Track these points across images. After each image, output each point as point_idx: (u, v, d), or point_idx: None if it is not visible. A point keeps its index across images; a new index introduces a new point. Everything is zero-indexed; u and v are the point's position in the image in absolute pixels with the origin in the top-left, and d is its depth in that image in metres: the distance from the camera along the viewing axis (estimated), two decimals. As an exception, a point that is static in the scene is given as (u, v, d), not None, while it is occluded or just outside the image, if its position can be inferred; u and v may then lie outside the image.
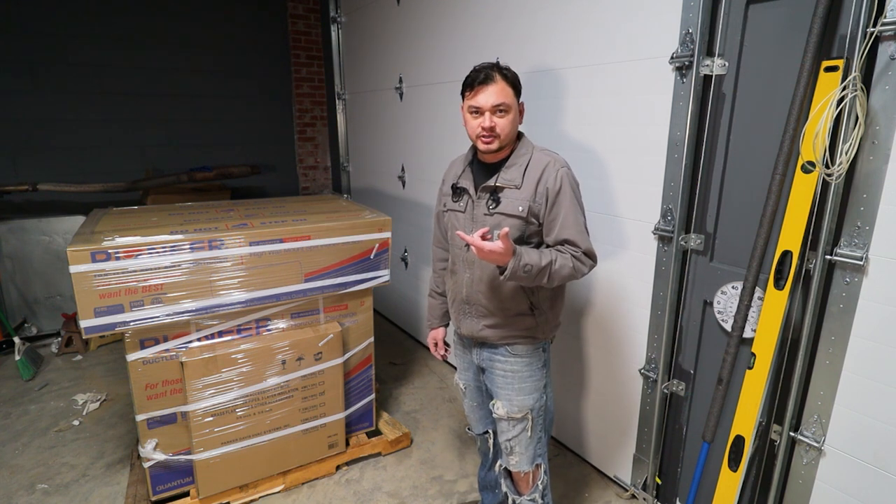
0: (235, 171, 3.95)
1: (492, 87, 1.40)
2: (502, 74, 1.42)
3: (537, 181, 1.44)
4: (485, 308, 1.54)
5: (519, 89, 1.46)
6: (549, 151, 1.51)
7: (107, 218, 2.07)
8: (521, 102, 1.48)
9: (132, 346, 1.81)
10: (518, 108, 1.47)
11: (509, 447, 1.61)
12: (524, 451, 1.60)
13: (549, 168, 1.44)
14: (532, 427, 1.58)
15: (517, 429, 1.58)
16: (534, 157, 1.48)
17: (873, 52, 1.28)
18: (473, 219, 1.52)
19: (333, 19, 4.08)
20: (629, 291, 2.01)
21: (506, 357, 1.57)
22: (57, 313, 3.57)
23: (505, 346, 1.56)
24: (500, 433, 1.63)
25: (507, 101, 1.41)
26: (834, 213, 1.39)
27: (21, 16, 3.43)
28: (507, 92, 1.41)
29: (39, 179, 3.44)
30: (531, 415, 1.57)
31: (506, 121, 1.42)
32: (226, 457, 2.01)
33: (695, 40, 1.61)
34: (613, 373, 2.15)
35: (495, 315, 1.53)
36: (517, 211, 1.44)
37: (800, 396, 1.55)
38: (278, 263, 1.96)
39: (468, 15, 2.65)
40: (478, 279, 1.53)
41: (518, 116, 1.47)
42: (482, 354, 1.62)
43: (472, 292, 1.55)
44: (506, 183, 1.46)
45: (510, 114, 1.43)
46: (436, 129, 3.05)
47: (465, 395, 1.78)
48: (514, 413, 1.57)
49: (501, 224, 1.46)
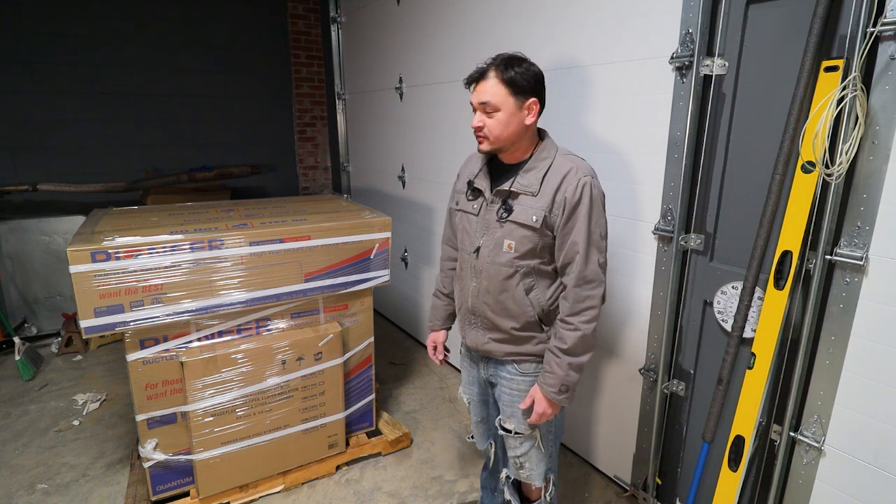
0: (235, 171, 3.95)
1: (482, 84, 1.33)
2: (499, 71, 1.30)
3: (556, 189, 1.32)
4: (490, 321, 1.46)
5: (521, 88, 1.31)
6: (575, 157, 1.39)
7: (107, 218, 2.07)
8: (528, 102, 1.33)
9: (132, 346, 1.81)
10: (516, 110, 1.33)
11: (519, 463, 1.55)
12: (534, 468, 1.55)
13: (570, 176, 1.32)
14: (543, 443, 1.52)
15: (525, 446, 1.53)
16: (556, 162, 1.36)
17: (873, 52, 1.28)
18: (486, 224, 1.43)
19: (333, 19, 4.08)
20: (629, 291, 2.01)
21: (512, 375, 1.49)
22: (57, 313, 3.57)
23: (513, 363, 1.48)
24: (509, 449, 1.57)
25: (493, 100, 1.31)
26: (834, 213, 1.39)
27: (21, 16, 3.42)
28: (496, 91, 1.30)
29: (39, 179, 3.44)
30: (540, 432, 1.51)
31: (494, 121, 1.33)
32: (226, 457, 2.01)
33: (695, 40, 1.61)
34: (613, 373, 2.15)
35: (501, 330, 1.44)
36: (530, 221, 1.34)
37: (800, 396, 1.55)
38: (278, 263, 1.96)
39: (468, 15, 2.65)
40: (484, 290, 1.44)
41: (514, 118, 1.33)
42: (489, 369, 1.55)
43: (477, 303, 1.47)
44: (522, 188, 1.36)
45: (499, 114, 1.32)
46: (436, 129, 3.05)
47: (469, 410, 1.72)
48: (522, 430, 1.50)
49: (514, 233, 1.36)
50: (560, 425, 1.59)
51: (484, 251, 1.43)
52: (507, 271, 1.39)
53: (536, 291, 1.41)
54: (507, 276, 1.40)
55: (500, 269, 1.40)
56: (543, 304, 1.42)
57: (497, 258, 1.40)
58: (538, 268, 1.40)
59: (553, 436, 1.57)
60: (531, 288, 1.40)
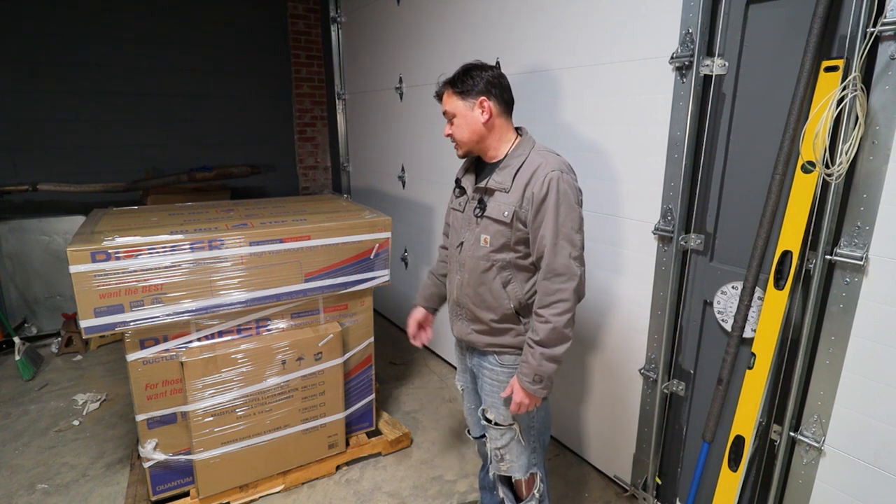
0: (235, 171, 3.95)
1: (443, 98, 1.49)
2: (449, 85, 1.46)
3: (525, 185, 1.37)
4: (472, 313, 1.53)
5: (468, 92, 1.42)
6: (549, 152, 1.43)
7: (107, 218, 2.07)
8: (478, 101, 1.41)
9: (132, 346, 1.81)
10: (467, 111, 1.43)
11: (499, 454, 1.60)
12: (515, 460, 1.58)
13: (539, 171, 1.36)
14: (523, 436, 1.56)
15: (506, 437, 1.57)
16: (529, 159, 1.41)
17: (873, 52, 1.28)
18: (468, 220, 1.51)
19: (333, 19, 4.08)
20: (629, 291, 2.01)
21: (493, 366, 1.55)
22: (57, 313, 3.57)
23: (494, 354, 1.54)
24: (490, 440, 1.62)
25: (450, 108, 1.46)
26: (834, 213, 1.39)
27: (21, 16, 3.42)
28: (450, 100, 1.46)
29: (39, 179, 3.44)
30: (520, 425, 1.55)
31: (455, 127, 1.47)
32: (226, 457, 2.01)
33: (695, 40, 1.61)
34: (613, 373, 2.15)
35: (481, 321, 1.51)
36: (502, 216, 1.40)
37: (800, 396, 1.55)
38: (278, 263, 1.96)
39: (468, 15, 2.65)
40: (466, 283, 1.51)
41: (468, 119, 1.43)
42: (473, 359, 1.62)
43: (461, 295, 1.54)
44: (496, 185, 1.43)
45: (456, 119, 1.46)
46: (436, 129, 3.04)
47: (463, 398, 1.78)
48: (500, 421, 1.56)
49: (489, 228, 1.43)
50: (543, 421, 1.62)
51: (466, 245, 1.51)
52: (484, 265, 1.46)
53: (514, 285, 1.46)
54: (485, 269, 1.46)
55: (478, 263, 1.47)
56: (521, 298, 1.46)
57: (475, 252, 1.48)
58: (515, 262, 1.45)
59: (536, 431, 1.60)
60: (508, 281, 1.46)
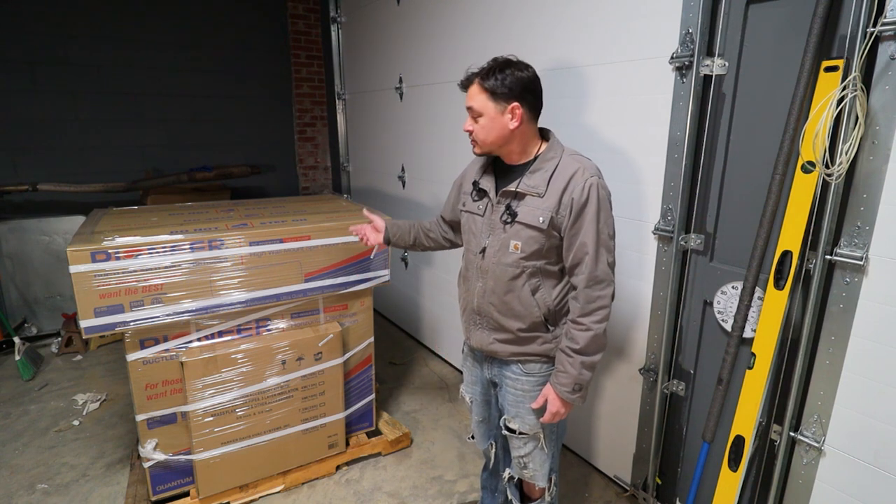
0: (235, 171, 3.95)
1: (469, 90, 1.37)
2: (481, 79, 1.33)
3: (563, 190, 1.32)
4: (496, 322, 1.45)
5: (502, 95, 1.31)
6: (581, 157, 1.39)
7: (107, 218, 2.07)
8: (510, 107, 1.32)
9: (132, 346, 1.81)
10: (497, 115, 1.33)
11: (523, 463, 1.56)
12: (538, 468, 1.55)
13: (577, 176, 1.31)
14: (546, 444, 1.53)
15: (529, 446, 1.53)
16: (562, 163, 1.36)
17: (873, 52, 1.28)
18: (491, 224, 1.43)
19: (333, 19, 4.08)
20: (629, 291, 2.01)
21: (517, 375, 1.49)
22: (57, 313, 3.57)
23: (518, 363, 1.48)
24: (513, 449, 1.58)
25: (476, 106, 1.34)
26: (834, 213, 1.39)
27: (21, 16, 3.42)
28: (478, 97, 1.34)
29: (39, 179, 3.44)
30: (544, 433, 1.52)
31: (479, 126, 1.36)
32: (226, 457, 2.01)
33: (695, 40, 1.61)
34: (613, 373, 2.15)
35: (507, 330, 1.44)
36: (537, 222, 1.34)
37: (800, 396, 1.55)
38: (278, 263, 1.96)
39: (468, 15, 2.65)
40: (490, 290, 1.44)
41: (496, 123, 1.34)
42: (493, 370, 1.56)
43: (483, 303, 1.47)
44: (528, 189, 1.36)
45: (482, 119, 1.35)
46: (436, 129, 3.05)
47: (471, 410, 1.72)
48: (525, 430, 1.51)
49: (520, 234, 1.36)
50: (562, 426, 1.59)
51: (490, 252, 1.43)
52: (513, 272, 1.40)
53: (542, 292, 1.41)
54: (513, 276, 1.40)
55: (505, 270, 1.40)
56: (549, 304, 1.42)
57: (503, 258, 1.40)
58: (544, 268, 1.40)
59: (556, 436, 1.57)
60: (537, 288, 1.41)
